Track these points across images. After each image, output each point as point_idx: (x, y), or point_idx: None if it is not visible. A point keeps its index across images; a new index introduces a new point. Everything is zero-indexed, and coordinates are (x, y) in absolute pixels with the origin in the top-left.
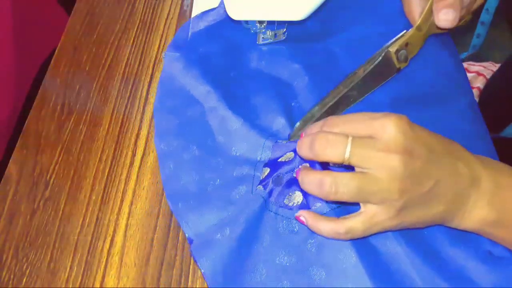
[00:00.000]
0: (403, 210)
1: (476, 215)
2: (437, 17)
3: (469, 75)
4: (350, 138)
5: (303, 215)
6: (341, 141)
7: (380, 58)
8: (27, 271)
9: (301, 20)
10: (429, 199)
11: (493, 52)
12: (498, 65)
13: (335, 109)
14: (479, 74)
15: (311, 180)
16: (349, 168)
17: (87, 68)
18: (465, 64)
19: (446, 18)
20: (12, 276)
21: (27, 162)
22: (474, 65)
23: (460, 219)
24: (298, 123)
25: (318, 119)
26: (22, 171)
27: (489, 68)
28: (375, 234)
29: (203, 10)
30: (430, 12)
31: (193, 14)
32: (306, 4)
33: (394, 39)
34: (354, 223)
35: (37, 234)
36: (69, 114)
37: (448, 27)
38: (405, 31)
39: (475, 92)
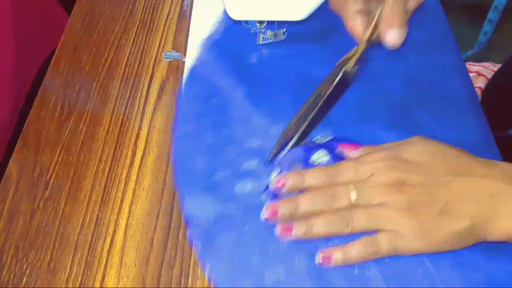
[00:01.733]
0: (421, 233)
1: (507, 224)
2: (384, 39)
3: (470, 75)
4: (351, 185)
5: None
6: (346, 190)
7: (339, 76)
8: (27, 271)
9: (301, 20)
10: (447, 219)
11: (492, 54)
12: (498, 65)
13: (306, 133)
14: (479, 74)
15: (321, 221)
16: None
17: (87, 68)
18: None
19: (395, 39)
20: (12, 276)
21: (27, 162)
22: (474, 65)
23: (490, 231)
24: (274, 149)
25: (294, 143)
26: (22, 171)
27: (489, 68)
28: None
29: (203, 11)
30: (375, 26)
31: (193, 14)
32: (306, 4)
33: (347, 55)
34: (379, 239)
35: (37, 234)
36: (69, 114)
37: (396, 47)
38: (356, 47)
39: (477, 91)
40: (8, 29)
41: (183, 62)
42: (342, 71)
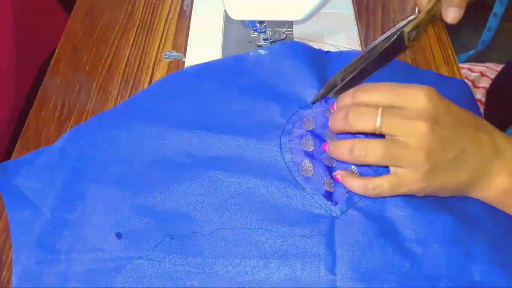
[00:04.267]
0: (429, 175)
1: (499, 184)
2: (445, 15)
3: (473, 75)
4: (380, 109)
5: (339, 173)
6: (373, 112)
7: (396, 37)
8: None
9: (301, 20)
10: (455, 166)
11: (493, 54)
12: (501, 66)
13: (354, 81)
14: (483, 74)
15: (341, 146)
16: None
17: (87, 68)
18: (467, 65)
19: (453, 16)
20: (12, 276)
21: None
22: (477, 65)
23: (482, 188)
24: (322, 89)
25: (340, 89)
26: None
27: (492, 69)
28: (401, 195)
29: (203, 11)
30: (437, 1)
31: (193, 14)
32: (306, 4)
33: (406, 20)
34: (382, 181)
35: None
36: (69, 114)
37: (454, 23)
38: (417, 13)
39: (481, 92)
40: (8, 29)
41: (183, 62)
42: (400, 31)
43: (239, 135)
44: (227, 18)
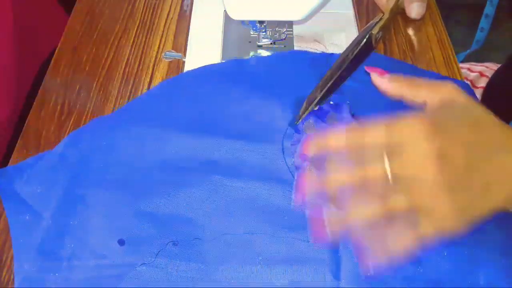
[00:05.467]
0: (461, 212)
1: None
2: (409, 11)
3: (472, 75)
4: (385, 156)
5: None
6: (379, 159)
7: (365, 40)
8: None
9: (301, 20)
10: (486, 198)
11: (493, 53)
12: (500, 66)
13: (331, 90)
14: (482, 74)
15: (358, 211)
16: None
17: (87, 68)
18: (467, 65)
19: (417, 11)
20: (12, 276)
21: None
22: (476, 65)
23: None
24: (303, 106)
25: (320, 100)
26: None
27: (491, 68)
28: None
29: (203, 11)
30: None
31: (193, 14)
32: (306, 4)
33: (372, 22)
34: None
35: None
36: (69, 114)
37: (418, 18)
38: (381, 14)
39: (480, 92)
40: (8, 29)
41: (183, 62)
42: (368, 35)
43: (240, 138)
44: (227, 18)
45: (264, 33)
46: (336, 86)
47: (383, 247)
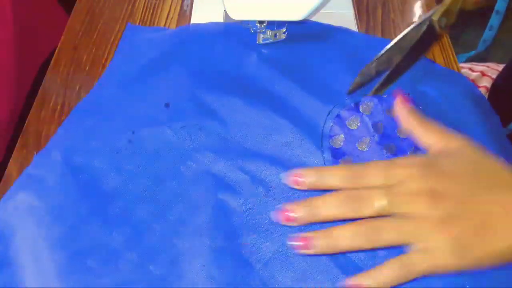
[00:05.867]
0: (458, 250)
1: None
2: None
3: (473, 74)
4: (381, 190)
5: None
6: (375, 194)
7: (425, 26)
8: None
9: (301, 20)
10: (485, 236)
11: (494, 53)
12: (502, 65)
13: (391, 78)
14: (483, 74)
15: (348, 233)
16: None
17: (87, 68)
18: (468, 65)
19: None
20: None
21: (27, 162)
22: (478, 65)
23: None
24: (356, 78)
25: (381, 85)
26: (22, 171)
27: (493, 68)
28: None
29: (203, 11)
30: None
31: (193, 14)
32: (306, 4)
33: (433, 10)
34: (413, 259)
35: None
36: (69, 114)
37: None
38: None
39: (482, 91)
40: (8, 29)
41: None
42: (429, 20)
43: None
44: (227, 18)
45: (264, 33)
46: (396, 74)
47: (372, 276)
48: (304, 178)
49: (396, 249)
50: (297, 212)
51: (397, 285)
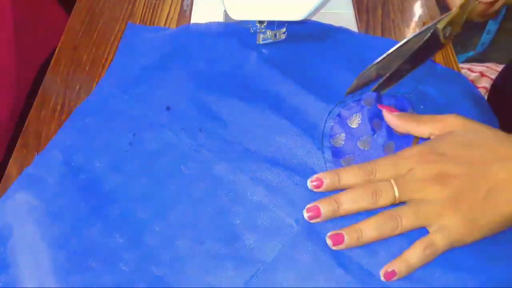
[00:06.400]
0: (469, 223)
1: None
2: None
3: (472, 75)
4: (392, 181)
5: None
6: (387, 185)
7: (429, 34)
8: None
9: (301, 20)
10: (492, 206)
11: (492, 54)
12: (501, 66)
13: (391, 81)
14: (482, 74)
15: (372, 225)
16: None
17: (87, 68)
18: (468, 65)
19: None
20: None
21: (27, 162)
22: (477, 65)
23: None
24: (355, 81)
25: (379, 85)
26: (22, 171)
27: (492, 69)
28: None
29: (203, 11)
30: None
31: (193, 14)
32: (306, 4)
33: (440, 18)
34: (432, 238)
35: None
36: (69, 114)
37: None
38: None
39: (481, 92)
40: (8, 29)
41: None
42: (433, 28)
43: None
44: (227, 18)
45: (264, 33)
46: (396, 77)
47: (403, 260)
48: (323, 181)
49: (397, 249)
50: (322, 208)
51: (425, 264)
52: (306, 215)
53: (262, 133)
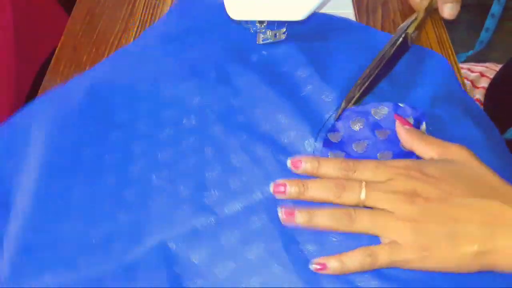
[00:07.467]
0: (421, 249)
1: None
2: (442, 10)
3: (472, 75)
4: (364, 183)
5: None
6: (357, 186)
7: (401, 39)
8: None
9: (301, 20)
10: (453, 240)
11: (492, 54)
12: (500, 66)
13: (368, 89)
14: (482, 75)
15: (326, 213)
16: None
17: (87, 68)
18: (467, 65)
19: (450, 12)
20: None
21: None
22: (476, 65)
23: (500, 260)
24: (342, 104)
25: (358, 98)
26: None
27: (491, 69)
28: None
29: None
30: None
31: None
32: (306, 4)
33: (407, 22)
34: (377, 249)
35: None
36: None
37: (451, 19)
38: (416, 14)
39: (481, 92)
40: (8, 29)
41: None
42: (404, 34)
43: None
44: None
45: (264, 33)
46: (373, 85)
47: (339, 259)
48: (302, 163)
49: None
50: (289, 187)
51: (360, 271)
52: (272, 188)
53: (267, 109)
